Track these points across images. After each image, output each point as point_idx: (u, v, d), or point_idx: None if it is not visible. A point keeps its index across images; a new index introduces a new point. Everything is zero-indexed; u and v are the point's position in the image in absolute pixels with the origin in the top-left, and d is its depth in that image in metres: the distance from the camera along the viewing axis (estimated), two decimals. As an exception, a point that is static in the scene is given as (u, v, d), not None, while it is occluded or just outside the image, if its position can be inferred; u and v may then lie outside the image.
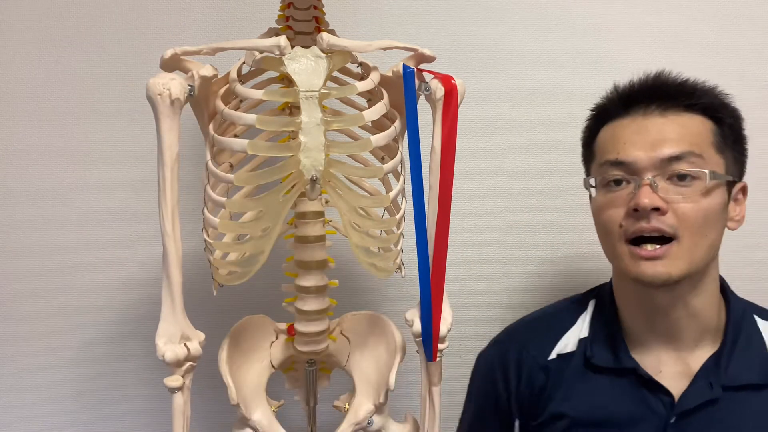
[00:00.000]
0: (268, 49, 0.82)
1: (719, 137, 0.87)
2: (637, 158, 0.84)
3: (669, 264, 0.83)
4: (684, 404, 0.86)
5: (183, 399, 0.84)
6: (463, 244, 1.26)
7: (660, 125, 0.85)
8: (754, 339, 0.90)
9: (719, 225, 0.86)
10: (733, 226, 0.90)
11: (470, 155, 1.24)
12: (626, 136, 0.87)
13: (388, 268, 0.91)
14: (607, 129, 0.91)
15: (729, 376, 0.87)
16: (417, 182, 0.85)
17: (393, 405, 1.00)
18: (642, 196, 0.82)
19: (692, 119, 0.86)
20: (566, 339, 0.97)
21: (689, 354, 0.90)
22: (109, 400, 1.31)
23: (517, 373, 0.98)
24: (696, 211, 0.83)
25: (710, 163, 0.85)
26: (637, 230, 0.84)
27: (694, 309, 0.88)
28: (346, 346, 0.99)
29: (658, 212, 0.82)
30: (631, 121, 0.88)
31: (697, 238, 0.83)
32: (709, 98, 0.88)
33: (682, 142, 0.84)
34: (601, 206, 0.89)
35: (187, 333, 0.84)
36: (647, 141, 0.85)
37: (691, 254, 0.83)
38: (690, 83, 0.90)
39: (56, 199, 1.26)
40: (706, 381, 0.87)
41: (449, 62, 1.18)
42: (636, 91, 0.90)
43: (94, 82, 1.24)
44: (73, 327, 1.29)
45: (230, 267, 0.89)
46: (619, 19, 1.21)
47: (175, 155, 0.81)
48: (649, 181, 0.83)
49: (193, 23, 1.23)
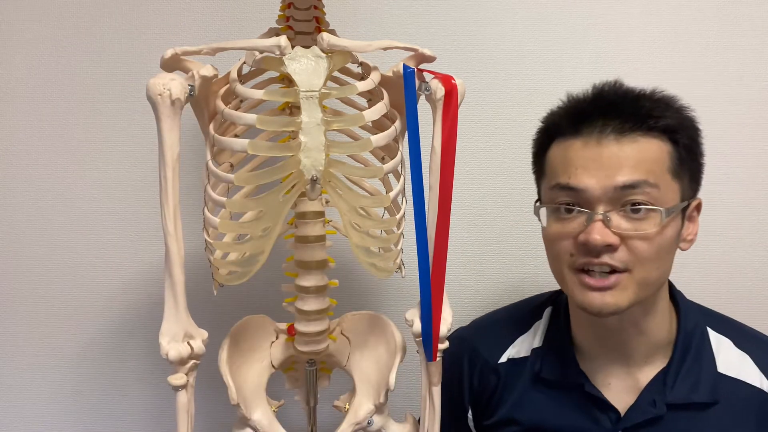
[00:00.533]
0: (268, 49, 0.82)
1: (676, 161, 0.83)
2: (589, 186, 0.81)
3: (617, 294, 0.81)
4: (628, 420, 0.87)
5: (187, 397, 0.84)
6: (463, 244, 1.26)
7: (615, 151, 0.81)
8: (704, 355, 0.88)
9: (672, 253, 0.85)
10: (684, 247, 0.88)
11: (470, 155, 1.24)
12: (578, 161, 0.82)
13: (388, 268, 0.91)
14: (558, 147, 0.87)
15: (674, 394, 0.86)
16: (417, 182, 0.85)
17: (393, 405, 1.00)
18: (594, 232, 0.80)
19: (649, 144, 0.82)
20: (518, 344, 0.99)
21: (639, 369, 0.90)
22: (110, 400, 1.31)
23: (470, 371, 1.01)
24: (650, 247, 0.80)
25: (665, 192, 0.81)
26: (586, 263, 0.82)
27: (644, 328, 0.88)
28: (346, 346, 0.99)
29: (610, 248, 0.80)
30: (583, 144, 0.83)
31: (648, 271, 0.82)
32: (666, 120, 0.83)
33: (638, 171, 0.80)
34: (553, 236, 0.86)
35: (190, 331, 0.84)
36: (601, 168, 0.81)
37: (640, 285, 0.82)
38: (648, 100, 0.85)
39: (56, 199, 1.26)
40: (651, 398, 0.87)
41: (449, 62, 1.17)
42: (589, 109, 0.85)
43: (94, 82, 1.24)
44: (74, 327, 1.29)
45: (230, 267, 0.89)
46: (619, 19, 1.21)
47: (176, 155, 0.81)
48: (601, 217, 0.80)
49: (193, 23, 1.23)
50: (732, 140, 1.22)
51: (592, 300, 0.82)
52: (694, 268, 1.24)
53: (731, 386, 0.86)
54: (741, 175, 1.22)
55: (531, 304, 1.04)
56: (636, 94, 0.86)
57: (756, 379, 0.87)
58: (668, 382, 0.87)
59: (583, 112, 0.85)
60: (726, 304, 1.22)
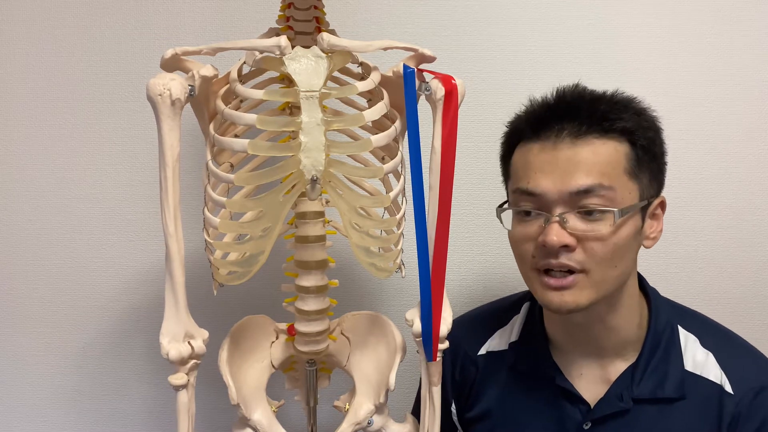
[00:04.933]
0: (268, 49, 0.82)
1: (633, 162, 0.85)
2: (546, 190, 0.83)
3: (576, 293, 0.84)
4: (597, 412, 0.90)
5: (187, 397, 0.85)
6: (463, 244, 1.26)
7: (570, 156, 0.83)
8: (672, 353, 0.90)
9: (631, 252, 0.87)
10: (648, 244, 0.89)
11: (470, 155, 1.24)
12: (536, 164, 0.85)
13: (388, 268, 0.91)
14: (520, 152, 0.90)
15: (641, 390, 0.89)
16: (417, 182, 0.85)
17: (393, 405, 1.00)
18: (550, 233, 0.82)
19: (605, 146, 0.84)
20: (497, 338, 1.02)
21: (610, 362, 0.92)
22: (110, 400, 1.31)
23: (452, 364, 1.04)
24: (604, 246, 0.82)
25: (621, 193, 0.83)
26: (546, 265, 0.85)
27: (611, 324, 0.90)
28: (346, 346, 0.99)
29: (567, 249, 0.83)
30: (540, 148, 0.85)
31: (605, 270, 0.84)
32: (623, 121, 0.84)
33: (592, 174, 0.82)
34: (516, 238, 0.89)
35: (191, 331, 0.84)
36: (556, 172, 0.83)
37: (598, 284, 0.84)
38: (604, 102, 0.86)
39: (56, 199, 1.26)
40: (619, 392, 0.89)
41: (449, 62, 1.18)
42: (546, 113, 0.87)
43: (94, 82, 1.24)
44: (74, 327, 1.29)
45: (230, 267, 0.89)
46: (619, 19, 1.21)
47: (176, 155, 0.81)
48: (557, 219, 0.83)
49: (193, 23, 1.23)
50: (732, 140, 1.22)
51: (552, 299, 0.85)
52: (694, 268, 1.24)
53: (696, 383, 0.88)
54: (741, 175, 1.22)
55: (511, 299, 1.08)
56: (594, 97, 0.88)
57: (717, 375, 0.89)
58: (636, 377, 0.89)
59: (542, 116, 0.88)
60: (726, 303, 1.23)
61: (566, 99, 0.88)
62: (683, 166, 1.21)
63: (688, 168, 1.21)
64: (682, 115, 1.21)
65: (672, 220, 1.20)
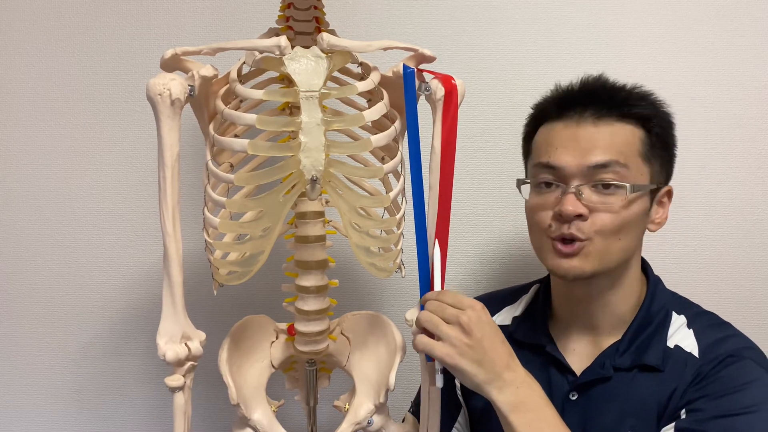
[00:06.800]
0: (268, 49, 0.82)
1: (647, 146, 0.92)
2: (566, 164, 0.90)
3: (582, 260, 0.90)
4: (580, 379, 0.95)
5: (184, 398, 0.85)
6: (463, 244, 1.26)
7: (591, 133, 0.91)
8: (659, 332, 0.95)
9: (636, 230, 0.93)
10: (653, 228, 0.96)
11: (470, 155, 1.24)
12: (559, 141, 0.92)
13: (388, 268, 0.91)
14: (543, 130, 0.96)
15: (623, 359, 0.94)
16: (417, 182, 0.86)
17: (393, 405, 1.00)
18: (567, 203, 0.89)
19: (623, 128, 0.91)
20: (504, 314, 1.08)
21: (602, 339, 0.97)
22: (109, 400, 1.31)
23: None
24: (613, 219, 0.89)
25: (634, 173, 0.90)
26: (559, 233, 0.91)
27: (609, 300, 0.96)
28: (346, 346, 0.99)
29: (580, 218, 0.89)
30: (564, 126, 0.93)
31: (610, 241, 0.90)
32: (640, 108, 0.92)
33: (610, 151, 0.89)
34: (534, 207, 0.95)
35: (188, 332, 0.84)
36: (577, 148, 0.90)
37: (602, 253, 0.90)
38: (625, 91, 0.94)
39: (56, 199, 1.26)
40: (602, 361, 0.95)
41: (449, 62, 1.18)
42: (572, 96, 0.95)
43: (94, 82, 1.24)
44: (73, 327, 1.29)
45: (230, 267, 0.89)
46: (619, 19, 1.21)
47: (175, 155, 0.81)
48: (574, 190, 0.89)
49: (193, 23, 1.23)
50: (732, 140, 1.22)
51: (560, 264, 0.91)
52: (694, 267, 1.24)
53: (672, 355, 0.92)
54: (741, 175, 1.22)
55: (525, 284, 1.13)
56: (615, 86, 0.96)
57: (690, 345, 0.93)
58: (620, 349, 0.94)
59: (568, 98, 0.95)
60: (726, 303, 1.23)
61: (590, 85, 0.96)
62: (683, 165, 1.21)
63: (688, 168, 1.21)
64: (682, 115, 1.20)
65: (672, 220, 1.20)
